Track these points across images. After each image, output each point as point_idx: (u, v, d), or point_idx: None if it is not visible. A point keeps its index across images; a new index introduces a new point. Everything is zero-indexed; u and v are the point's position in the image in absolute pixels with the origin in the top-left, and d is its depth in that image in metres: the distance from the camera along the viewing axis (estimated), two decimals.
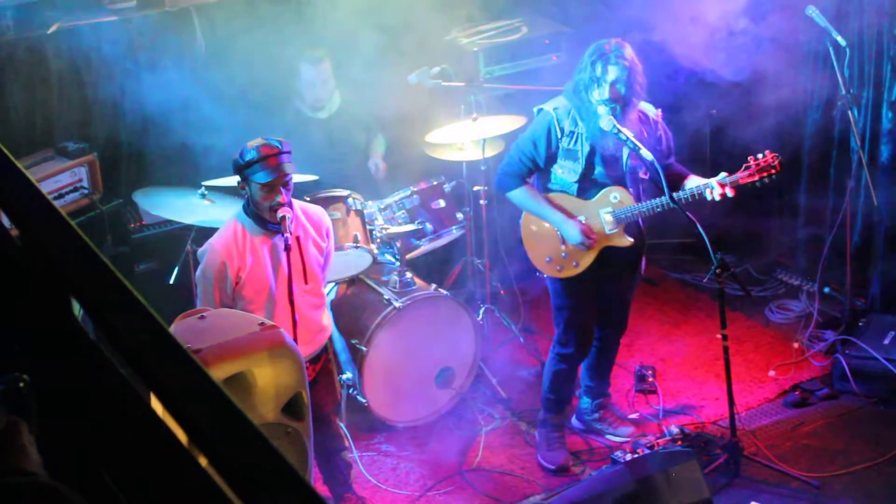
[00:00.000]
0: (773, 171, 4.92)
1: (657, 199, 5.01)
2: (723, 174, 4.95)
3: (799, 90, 6.56)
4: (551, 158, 5.09)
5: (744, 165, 4.96)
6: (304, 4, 6.34)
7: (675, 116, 6.69)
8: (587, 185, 5.10)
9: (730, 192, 4.91)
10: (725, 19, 6.19)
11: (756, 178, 4.93)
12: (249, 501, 1.32)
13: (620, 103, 4.92)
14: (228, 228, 4.60)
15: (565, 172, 5.09)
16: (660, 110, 5.21)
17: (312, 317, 4.74)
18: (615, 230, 5.11)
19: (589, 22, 6.55)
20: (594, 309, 5.41)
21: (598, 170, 5.07)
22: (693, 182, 5.02)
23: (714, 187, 4.90)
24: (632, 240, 5.18)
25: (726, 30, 6.18)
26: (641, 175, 5.13)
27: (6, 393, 1.62)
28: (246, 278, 4.55)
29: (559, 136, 5.03)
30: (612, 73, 4.88)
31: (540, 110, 5.17)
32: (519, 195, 5.18)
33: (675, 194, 4.94)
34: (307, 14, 6.29)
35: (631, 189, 5.10)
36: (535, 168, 5.15)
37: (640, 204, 5.05)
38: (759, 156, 4.95)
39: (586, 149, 5.03)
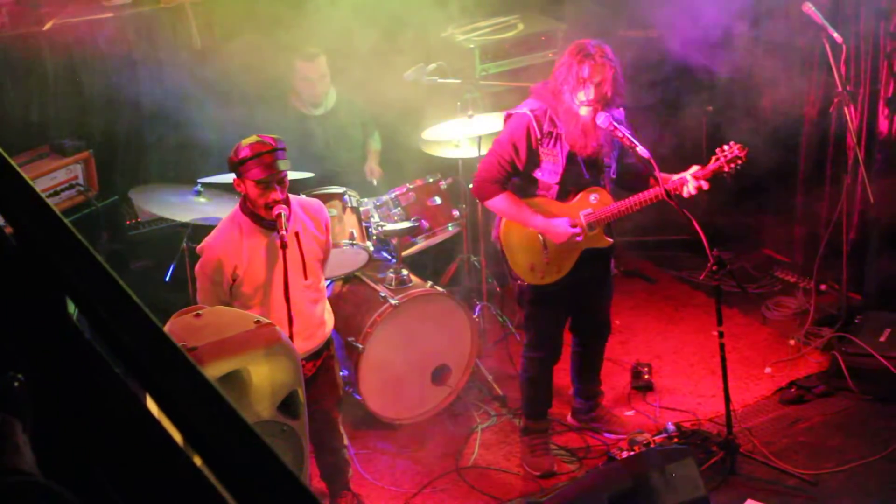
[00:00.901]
0: (738, 161, 4.97)
1: (636, 196, 5.00)
2: (694, 167, 4.98)
3: (795, 87, 6.56)
4: (531, 161, 5.02)
5: (713, 158, 5.00)
6: (301, 1, 6.33)
7: (671, 113, 6.71)
8: (567, 188, 5.06)
9: (704, 185, 4.94)
10: (722, 16, 6.20)
11: (726, 168, 4.97)
12: (244, 501, 1.32)
13: (604, 103, 4.89)
14: (226, 226, 4.60)
15: (545, 174, 5.04)
16: (622, 108, 5.16)
17: (312, 313, 4.74)
18: (595, 231, 5.10)
19: (585, 19, 6.55)
20: (566, 314, 5.40)
21: (578, 170, 5.04)
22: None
23: (689, 180, 4.93)
24: (612, 240, 5.18)
25: (723, 26, 6.19)
26: (612, 175, 5.12)
27: (0, 392, 1.62)
28: (243, 276, 4.54)
29: (538, 136, 4.99)
30: (599, 73, 4.84)
31: (510, 115, 5.13)
32: (500, 202, 5.08)
33: (650, 192, 4.95)
34: (303, 10, 6.28)
35: (608, 189, 5.10)
36: (514, 172, 5.05)
37: (619, 202, 5.04)
38: (726, 147, 5.00)
39: (565, 149, 4.99)
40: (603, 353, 5.73)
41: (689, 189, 4.93)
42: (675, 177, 4.99)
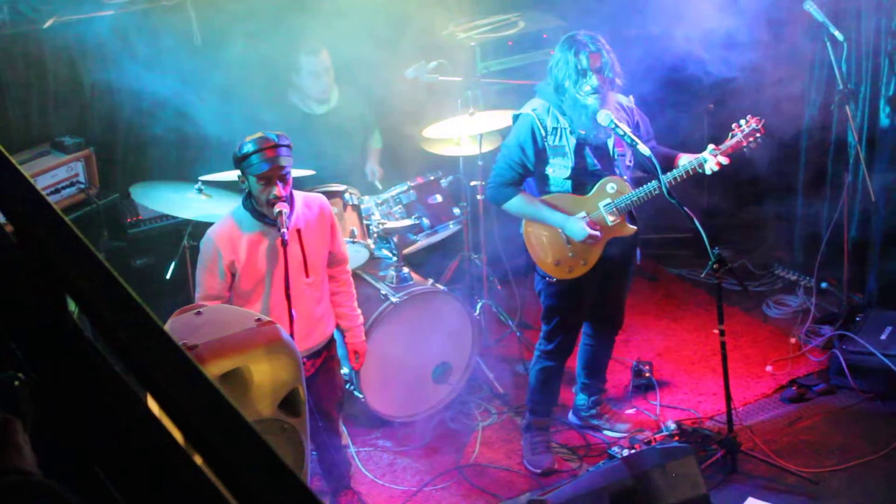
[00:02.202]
0: (757, 133, 5.03)
1: (652, 182, 5.00)
2: (711, 146, 5.02)
3: (796, 85, 6.55)
4: (540, 159, 5.05)
5: (730, 134, 5.06)
6: None
7: (672, 112, 6.69)
8: (581, 180, 5.08)
9: (724, 160, 4.98)
10: (723, 13, 6.19)
11: (744, 143, 5.03)
12: (245, 500, 1.32)
13: (607, 88, 4.92)
14: (226, 220, 4.61)
15: (557, 170, 5.06)
16: (632, 97, 5.20)
17: (313, 311, 4.73)
18: (617, 220, 5.10)
19: (586, 17, 6.53)
20: (587, 306, 5.40)
21: (589, 161, 5.06)
22: (685, 159, 5.04)
23: (708, 160, 4.97)
24: (635, 227, 5.17)
25: (724, 24, 6.18)
26: (627, 163, 5.13)
27: (1, 391, 1.61)
28: (241, 271, 4.54)
29: (544, 134, 5.01)
30: (598, 60, 4.89)
31: (517, 116, 5.16)
32: (516, 203, 5.11)
33: (668, 174, 4.95)
34: (304, 8, 6.27)
35: (624, 177, 5.11)
36: (525, 173, 5.09)
37: (637, 190, 5.04)
38: (742, 122, 5.05)
39: (573, 142, 5.01)
40: (612, 348, 5.72)
41: (711, 166, 4.95)
42: (690, 157, 5.00)
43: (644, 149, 4.89)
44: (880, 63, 6.19)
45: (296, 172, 5.03)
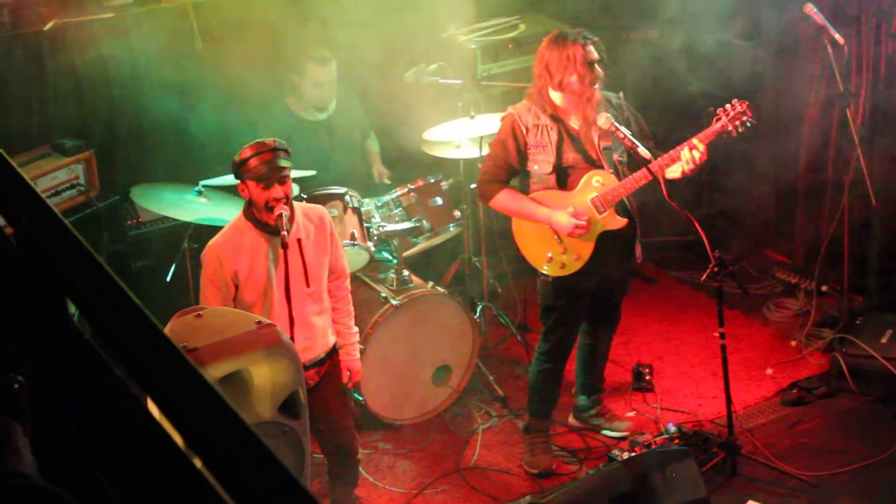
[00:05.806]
0: (744, 116, 4.98)
1: (638, 171, 4.99)
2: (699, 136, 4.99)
3: (797, 88, 6.55)
4: (523, 155, 5.08)
5: (715, 119, 5.01)
6: (303, 1, 6.32)
7: (672, 115, 6.70)
8: (566, 175, 5.08)
9: (697, 152, 4.89)
10: (723, 16, 6.19)
11: (729, 126, 4.98)
12: (244, 503, 1.32)
13: (601, 82, 4.96)
14: (227, 230, 4.60)
15: (541, 166, 5.07)
16: (622, 93, 5.20)
17: (314, 322, 4.69)
18: (606, 213, 5.10)
19: (586, 19, 6.54)
20: (584, 307, 5.39)
21: (572, 155, 5.06)
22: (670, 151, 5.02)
23: (696, 143, 4.92)
24: (625, 220, 5.15)
25: (724, 26, 6.18)
26: (616, 157, 5.12)
27: (0, 394, 1.61)
28: (244, 281, 4.52)
29: (524, 131, 5.05)
30: (595, 53, 4.94)
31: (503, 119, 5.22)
32: (502, 199, 5.13)
33: (656, 160, 4.93)
34: (305, 11, 6.27)
35: (610, 170, 5.09)
36: (510, 170, 5.13)
37: (623, 181, 5.03)
38: (728, 105, 5.00)
39: (554, 136, 5.03)
40: (609, 346, 5.72)
41: (686, 155, 4.90)
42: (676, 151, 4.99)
43: (644, 152, 4.88)
44: (881, 66, 6.19)
45: (295, 173, 5.04)
